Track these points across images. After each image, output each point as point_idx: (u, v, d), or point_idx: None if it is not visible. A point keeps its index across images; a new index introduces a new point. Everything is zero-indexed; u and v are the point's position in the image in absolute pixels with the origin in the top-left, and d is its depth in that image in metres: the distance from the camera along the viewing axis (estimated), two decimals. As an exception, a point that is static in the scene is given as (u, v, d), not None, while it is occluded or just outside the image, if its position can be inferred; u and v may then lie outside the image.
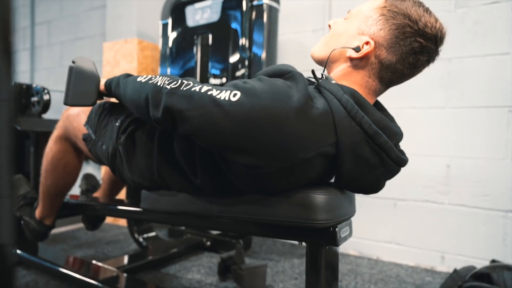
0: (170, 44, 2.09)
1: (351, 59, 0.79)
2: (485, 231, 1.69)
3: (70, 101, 0.95)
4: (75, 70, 0.96)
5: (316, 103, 0.71)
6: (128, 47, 2.49)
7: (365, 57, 0.77)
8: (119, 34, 2.56)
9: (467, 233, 1.73)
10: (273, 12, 1.81)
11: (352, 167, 0.74)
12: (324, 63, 0.83)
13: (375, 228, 1.95)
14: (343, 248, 2.02)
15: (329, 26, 0.86)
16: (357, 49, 0.77)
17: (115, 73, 2.54)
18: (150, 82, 0.78)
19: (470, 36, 1.71)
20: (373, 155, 0.73)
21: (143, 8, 2.52)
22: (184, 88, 0.72)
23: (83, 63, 0.97)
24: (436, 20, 0.76)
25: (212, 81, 1.91)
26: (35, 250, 1.52)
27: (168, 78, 0.76)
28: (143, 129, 0.98)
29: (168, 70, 2.09)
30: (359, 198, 0.80)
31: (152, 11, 2.53)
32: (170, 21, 2.09)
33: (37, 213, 1.28)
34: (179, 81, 0.74)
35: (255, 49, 1.79)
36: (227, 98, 0.68)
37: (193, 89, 0.72)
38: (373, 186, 0.81)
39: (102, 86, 0.97)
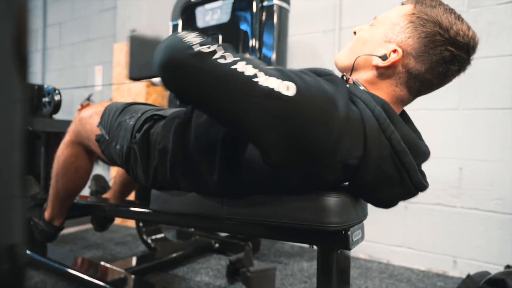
0: (179, 45, 2.09)
1: (377, 67, 0.76)
2: (499, 236, 1.65)
3: (131, 74, 0.87)
4: (135, 39, 0.88)
5: (352, 112, 0.68)
6: (137, 48, 2.50)
7: (392, 66, 0.74)
8: (129, 36, 2.58)
9: (481, 237, 1.69)
10: (283, 13, 1.80)
11: (371, 180, 0.72)
12: (349, 70, 0.80)
13: (386, 231, 1.92)
14: (352, 252, 1.99)
15: (354, 32, 0.83)
16: (383, 57, 0.74)
17: (125, 74, 2.55)
18: (180, 38, 0.65)
19: (484, 37, 1.68)
20: (395, 173, 0.70)
21: (153, 9, 2.53)
22: (220, 61, 0.61)
23: (144, 31, 0.88)
24: (469, 27, 0.72)
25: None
26: (44, 251, 1.53)
27: (201, 40, 0.64)
28: (157, 126, 0.97)
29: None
30: (371, 201, 0.79)
31: (162, 12, 2.54)
32: (180, 22, 2.09)
33: (46, 214, 1.28)
34: (212, 45, 0.63)
35: (265, 50, 1.78)
36: (279, 91, 0.61)
37: (232, 66, 0.61)
38: (386, 202, 0.79)
39: None
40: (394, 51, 0.74)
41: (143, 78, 0.86)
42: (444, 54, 0.71)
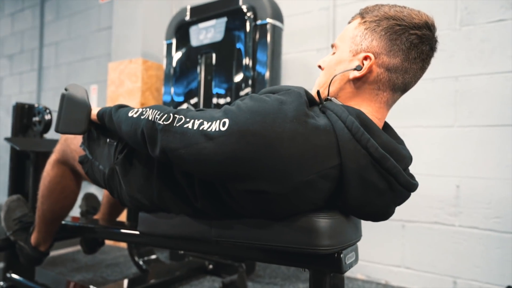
0: (174, 63, 2.09)
1: (355, 80, 0.76)
2: (499, 255, 1.61)
3: (60, 128, 0.96)
4: (67, 98, 0.97)
5: (318, 122, 0.68)
6: (132, 67, 2.50)
7: (369, 72, 0.75)
8: (124, 54, 2.59)
9: (480, 256, 1.65)
10: (277, 32, 1.81)
11: (360, 193, 0.70)
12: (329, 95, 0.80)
13: (383, 250, 1.88)
14: (350, 272, 1.94)
15: (319, 66, 0.85)
16: (358, 68, 0.75)
17: (119, 92, 2.54)
18: (142, 117, 0.78)
19: (477, 54, 1.69)
20: (380, 180, 0.69)
21: (148, 28, 2.55)
22: (177, 124, 0.71)
23: (75, 91, 0.98)
24: (418, 11, 0.75)
25: (215, 100, 1.90)
26: (32, 274, 1.48)
27: (159, 112, 0.75)
28: None
29: (172, 90, 2.09)
30: (366, 220, 0.76)
31: (157, 31, 2.56)
32: (174, 41, 2.10)
33: (33, 238, 1.24)
34: (171, 116, 0.73)
35: (259, 68, 1.78)
36: (217, 129, 0.67)
37: (185, 125, 0.70)
38: (382, 213, 0.77)
39: (94, 115, 0.97)
40: (366, 57, 0.75)
41: (68, 133, 0.98)
42: (410, 39, 0.73)
